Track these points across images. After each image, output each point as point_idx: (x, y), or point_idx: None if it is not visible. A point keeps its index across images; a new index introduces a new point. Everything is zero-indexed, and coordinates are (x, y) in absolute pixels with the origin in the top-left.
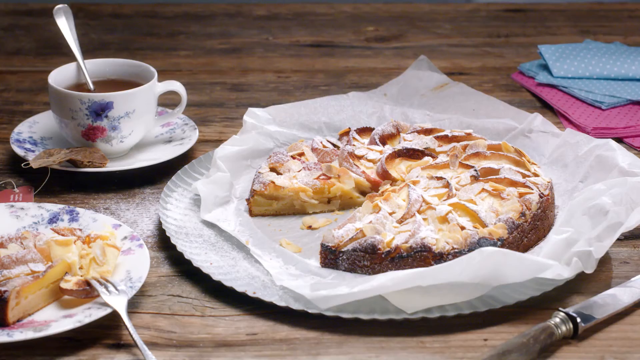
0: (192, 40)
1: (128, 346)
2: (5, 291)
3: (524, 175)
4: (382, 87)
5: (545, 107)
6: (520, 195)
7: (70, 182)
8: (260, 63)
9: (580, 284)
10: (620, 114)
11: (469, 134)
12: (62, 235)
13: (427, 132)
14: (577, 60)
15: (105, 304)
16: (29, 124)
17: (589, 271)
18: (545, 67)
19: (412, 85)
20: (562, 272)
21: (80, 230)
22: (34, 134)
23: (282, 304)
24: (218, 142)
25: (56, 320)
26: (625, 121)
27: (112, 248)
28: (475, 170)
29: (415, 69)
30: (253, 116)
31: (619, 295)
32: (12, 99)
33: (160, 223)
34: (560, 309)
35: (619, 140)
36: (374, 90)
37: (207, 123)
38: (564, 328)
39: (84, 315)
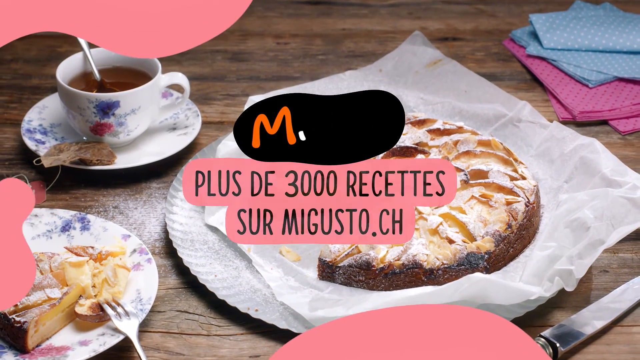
0: None
1: None
2: (24, 322)
3: (512, 178)
4: (377, 63)
5: (535, 81)
6: (508, 203)
7: (80, 177)
8: (260, 24)
9: (561, 298)
10: (607, 92)
11: (460, 127)
12: (76, 254)
13: (420, 123)
14: (566, 31)
15: (118, 330)
16: (38, 109)
17: (569, 289)
18: (536, 37)
19: (406, 60)
20: (544, 293)
21: (93, 248)
22: (43, 121)
23: (282, 324)
24: (220, 124)
25: (72, 349)
26: (611, 102)
27: (122, 269)
28: (466, 174)
29: (410, 43)
30: None
31: (596, 313)
32: (21, 70)
33: (166, 224)
34: (541, 334)
35: (605, 122)
36: (369, 66)
37: (209, 102)
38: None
39: (99, 343)
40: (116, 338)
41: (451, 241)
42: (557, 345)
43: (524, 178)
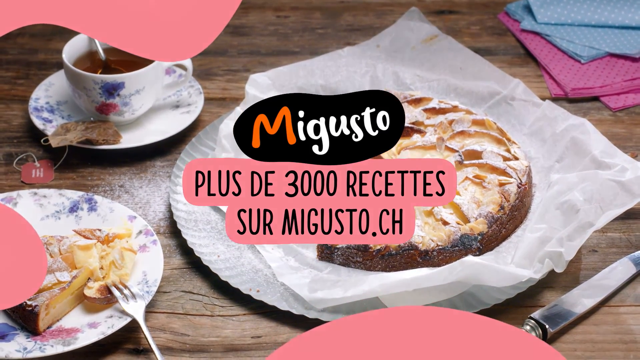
0: None
1: (147, 351)
2: (36, 305)
3: (505, 158)
4: (375, 38)
5: (529, 56)
6: (500, 184)
7: (87, 155)
8: None
9: (551, 278)
10: (599, 68)
11: (455, 107)
12: (84, 236)
13: (416, 102)
14: (560, 5)
15: (125, 312)
16: (45, 86)
17: (559, 270)
18: (530, 11)
19: (403, 36)
20: (534, 275)
21: (100, 230)
22: (50, 99)
23: (283, 305)
24: (222, 100)
25: (82, 331)
26: (602, 78)
27: (129, 252)
28: (460, 155)
29: (407, 19)
30: (254, 84)
31: (586, 291)
32: (27, 45)
33: (171, 204)
34: (531, 316)
35: (596, 98)
36: (367, 42)
37: (211, 77)
38: (534, 334)
39: (107, 325)
40: (123, 320)
41: (445, 223)
42: (546, 326)
43: (516, 158)
